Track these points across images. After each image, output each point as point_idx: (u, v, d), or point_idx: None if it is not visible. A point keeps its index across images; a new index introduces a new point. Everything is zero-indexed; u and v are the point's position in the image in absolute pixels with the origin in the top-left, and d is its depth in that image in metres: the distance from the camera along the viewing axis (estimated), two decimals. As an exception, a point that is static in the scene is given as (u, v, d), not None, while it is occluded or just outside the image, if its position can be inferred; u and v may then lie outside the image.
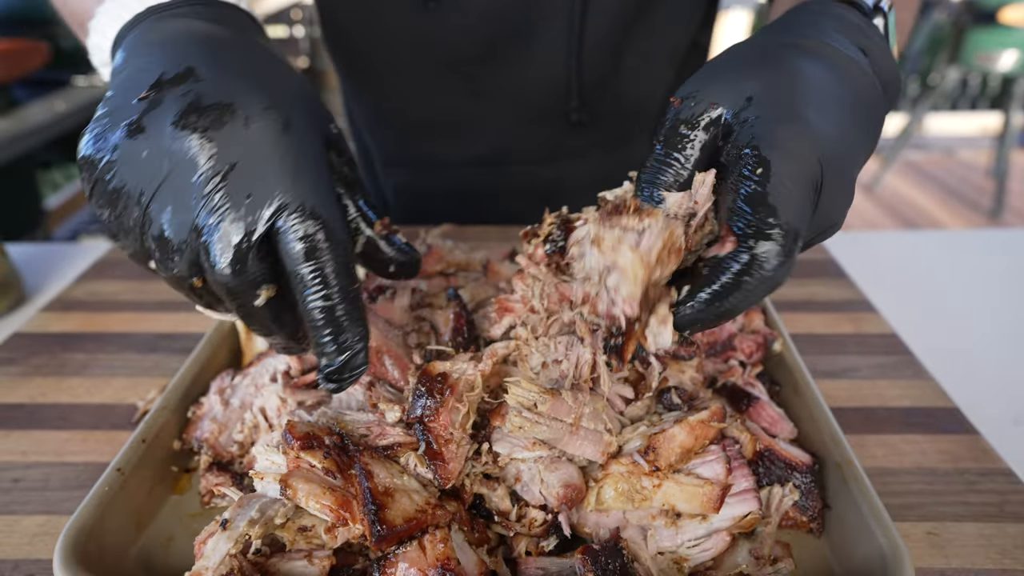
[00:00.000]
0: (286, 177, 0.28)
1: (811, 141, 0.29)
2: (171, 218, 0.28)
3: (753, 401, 0.41)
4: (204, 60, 0.30)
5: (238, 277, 0.28)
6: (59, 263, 0.69)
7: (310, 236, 0.28)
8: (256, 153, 0.28)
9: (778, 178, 0.28)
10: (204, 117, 0.28)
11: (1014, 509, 0.37)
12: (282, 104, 0.30)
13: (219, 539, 0.30)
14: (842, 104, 0.31)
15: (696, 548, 0.34)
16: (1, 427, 0.44)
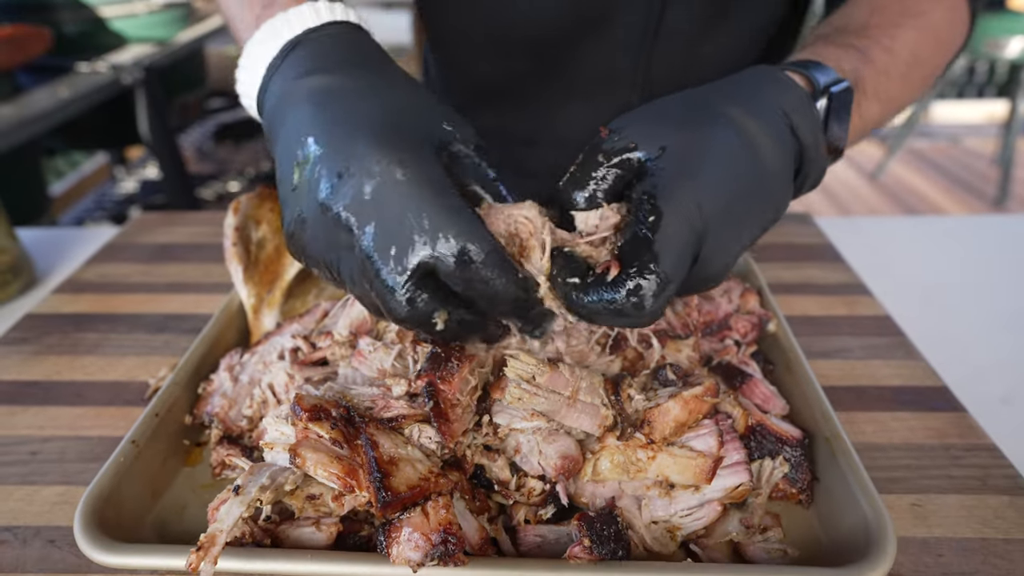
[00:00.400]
0: (418, 219, 0.31)
1: (702, 205, 0.33)
2: (350, 285, 0.33)
3: (747, 379, 0.42)
4: (318, 129, 0.33)
5: (411, 316, 0.31)
6: (68, 247, 0.70)
7: (456, 260, 0.31)
8: (384, 208, 0.31)
9: (665, 230, 0.32)
10: (335, 190, 0.32)
11: (996, 482, 0.38)
12: (388, 151, 0.32)
13: (232, 504, 0.32)
14: (742, 179, 0.34)
15: (689, 517, 0.35)
16: (18, 403, 0.45)
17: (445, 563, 0.30)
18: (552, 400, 0.35)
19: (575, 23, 0.63)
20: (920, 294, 0.61)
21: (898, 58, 0.45)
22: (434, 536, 0.30)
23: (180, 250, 0.64)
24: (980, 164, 3.08)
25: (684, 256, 0.32)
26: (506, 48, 0.66)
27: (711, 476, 0.35)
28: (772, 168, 0.35)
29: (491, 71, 0.70)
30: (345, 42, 0.38)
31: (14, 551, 0.35)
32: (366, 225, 0.31)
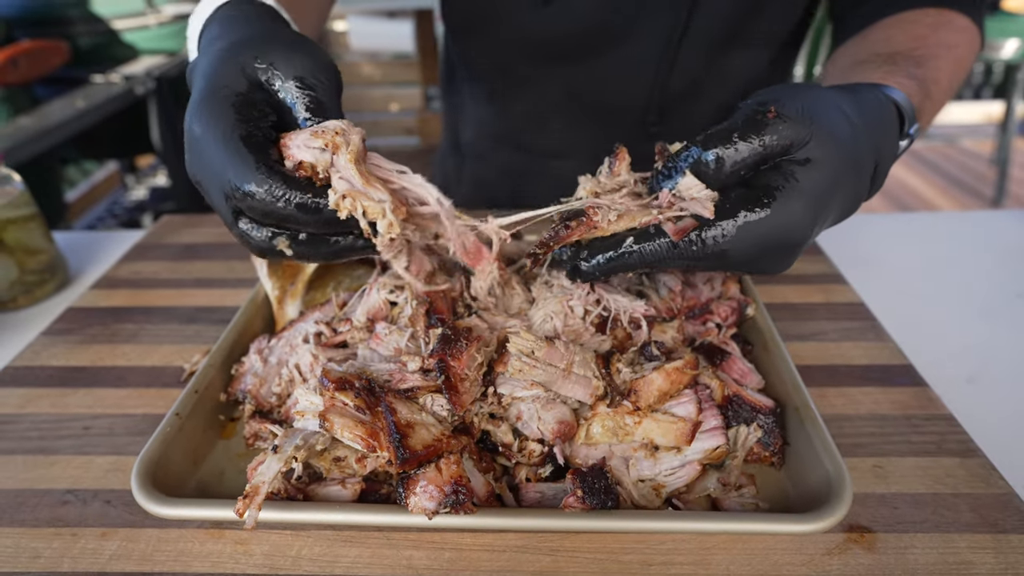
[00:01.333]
0: (214, 169, 0.35)
1: (812, 227, 0.36)
2: (208, 184, 0.36)
3: (726, 356, 0.46)
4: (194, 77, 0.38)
5: (258, 249, 0.36)
6: (96, 249, 0.75)
7: (241, 199, 0.34)
8: (200, 163, 0.36)
9: (753, 229, 0.35)
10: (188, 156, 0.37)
11: (949, 447, 0.42)
12: (195, 109, 0.36)
13: (271, 460, 0.36)
14: (847, 208, 0.38)
15: (672, 476, 0.40)
16: (69, 385, 0.50)
17: (456, 511, 0.34)
18: (549, 372, 0.39)
19: (601, 32, 0.67)
20: (897, 285, 0.65)
21: (942, 90, 0.50)
22: (447, 488, 0.35)
23: (204, 249, 0.69)
24: (978, 164, 3.11)
25: (752, 250, 0.36)
26: (531, 61, 0.70)
27: (691, 438, 0.39)
28: (861, 194, 0.40)
29: (515, 86, 0.74)
30: (237, 13, 0.42)
31: (77, 510, 0.40)
32: (199, 180, 0.36)
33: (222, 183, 0.34)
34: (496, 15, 0.69)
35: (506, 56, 0.73)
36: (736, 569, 0.35)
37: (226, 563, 0.36)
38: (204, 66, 0.38)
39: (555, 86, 0.72)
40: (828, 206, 0.37)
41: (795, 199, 0.35)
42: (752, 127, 0.36)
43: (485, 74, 0.77)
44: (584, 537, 0.37)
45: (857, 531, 0.37)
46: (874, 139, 0.39)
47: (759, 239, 0.35)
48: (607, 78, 0.70)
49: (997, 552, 0.35)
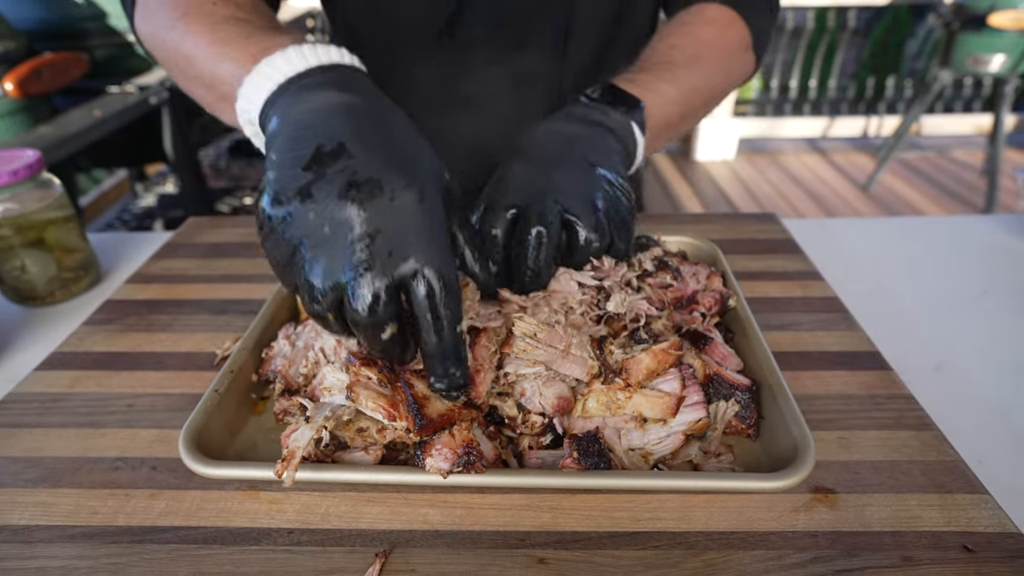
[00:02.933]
0: (421, 241, 0.36)
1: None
2: (324, 267, 0.35)
3: (709, 341, 0.51)
4: (352, 136, 0.37)
5: (370, 316, 0.36)
6: (125, 248, 0.80)
7: (433, 289, 0.36)
8: (398, 222, 0.35)
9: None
10: (360, 191, 0.35)
11: (907, 421, 0.47)
12: (416, 180, 0.37)
13: (304, 428, 0.41)
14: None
15: (659, 445, 0.44)
16: (112, 368, 0.55)
17: (468, 471, 0.39)
18: (550, 352, 0.44)
19: (499, 69, 0.72)
20: (872, 283, 0.70)
21: (676, 73, 0.60)
22: (460, 450, 0.40)
23: (230, 248, 0.74)
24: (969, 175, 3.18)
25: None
26: (436, 89, 0.75)
27: (675, 411, 0.44)
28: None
29: (425, 111, 0.79)
30: (355, 75, 0.43)
31: (127, 474, 0.44)
32: (374, 228, 0.35)
33: (419, 256, 0.35)
34: (397, 59, 0.74)
35: (408, 92, 0.76)
36: (714, 524, 0.40)
37: (262, 519, 0.41)
38: (410, 142, 0.40)
39: (456, 109, 0.77)
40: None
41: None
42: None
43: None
44: (580, 497, 0.42)
45: (822, 492, 0.42)
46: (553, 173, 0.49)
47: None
48: (510, 102, 0.76)
49: (942, 508, 0.40)
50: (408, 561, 0.38)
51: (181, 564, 0.38)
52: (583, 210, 0.47)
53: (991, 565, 0.37)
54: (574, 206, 0.47)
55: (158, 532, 0.40)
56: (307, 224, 0.36)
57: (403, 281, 0.36)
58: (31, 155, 0.67)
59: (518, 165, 0.50)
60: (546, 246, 0.46)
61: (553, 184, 0.48)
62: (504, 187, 0.49)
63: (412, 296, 0.36)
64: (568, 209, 0.47)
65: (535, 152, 0.51)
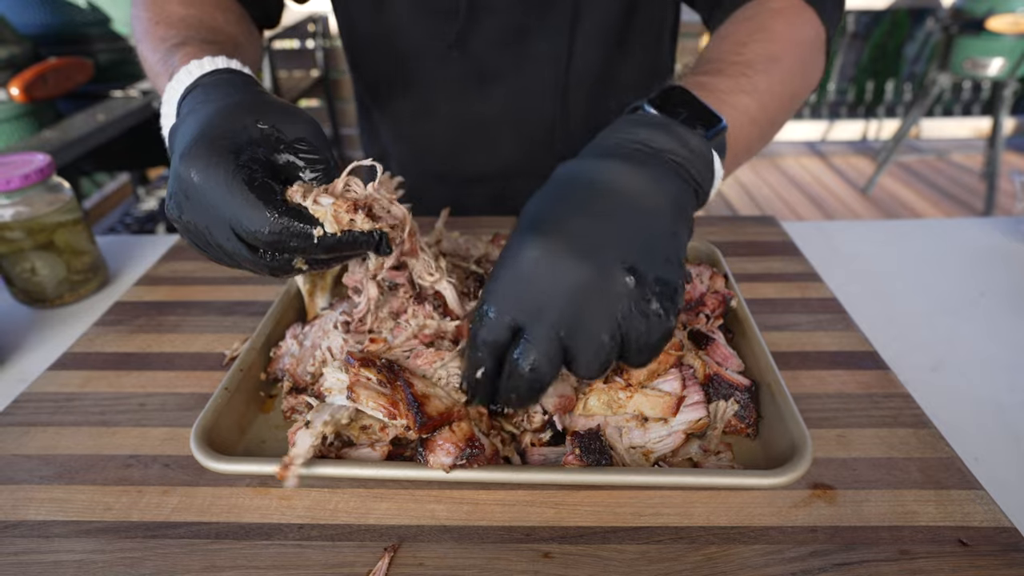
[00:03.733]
0: (221, 211, 0.38)
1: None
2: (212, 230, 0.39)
3: (711, 342, 0.52)
4: (185, 129, 0.42)
5: (276, 272, 0.42)
6: (132, 251, 0.81)
7: (249, 235, 0.39)
8: (200, 207, 0.39)
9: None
10: (174, 201, 0.40)
11: (904, 419, 0.48)
12: (188, 160, 0.39)
13: (304, 435, 0.42)
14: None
15: (659, 444, 0.45)
16: (123, 368, 0.56)
17: (470, 465, 0.40)
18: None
19: (500, 81, 0.74)
20: (871, 284, 0.71)
21: (755, 77, 0.50)
22: (461, 444, 0.41)
23: (236, 251, 0.76)
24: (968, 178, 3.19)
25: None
26: (446, 103, 0.77)
27: (676, 410, 0.45)
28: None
29: (432, 123, 0.81)
30: (221, 80, 0.46)
31: (139, 472, 0.45)
32: (196, 223, 0.39)
33: (233, 225, 0.38)
34: (407, 70, 0.76)
35: (416, 100, 0.80)
36: (715, 519, 0.41)
37: (273, 515, 0.42)
38: (198, 122, 0.41)
39: (465, 117, 0.79)
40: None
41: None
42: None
43: (397, 114, 0.84)
44: (583, 493, 0.43)
45: (820, 488, 0.43)
46: (611, 266, 0.36)
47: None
48: (515, 115, 0.78)
49: (938, 504, 0.41)
50: (416, 555, 0.39)
51: (194, 558, 0.39)
52: (586, 346, 0.36)
53: (986, 559, 0.38)
54: (578, 338, 0.36)
55: (171, 527, 0.41)
56: (191, 236, 0.42)
57: (244, 240, 0.40)
58: (42, 159, 0.68)
59: (528, 249, 0.37)
60: (528, 380, 0.37)
61: (559, 300, 0.36)
62: (500, 288, 0.37)
63: (255, 246, 0.40)
64: (569, 339, 0.36)
65: (556, 225, 0.38)
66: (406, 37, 0.74)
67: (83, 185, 2.84)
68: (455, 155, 0.84)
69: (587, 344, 0.36)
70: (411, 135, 0.85)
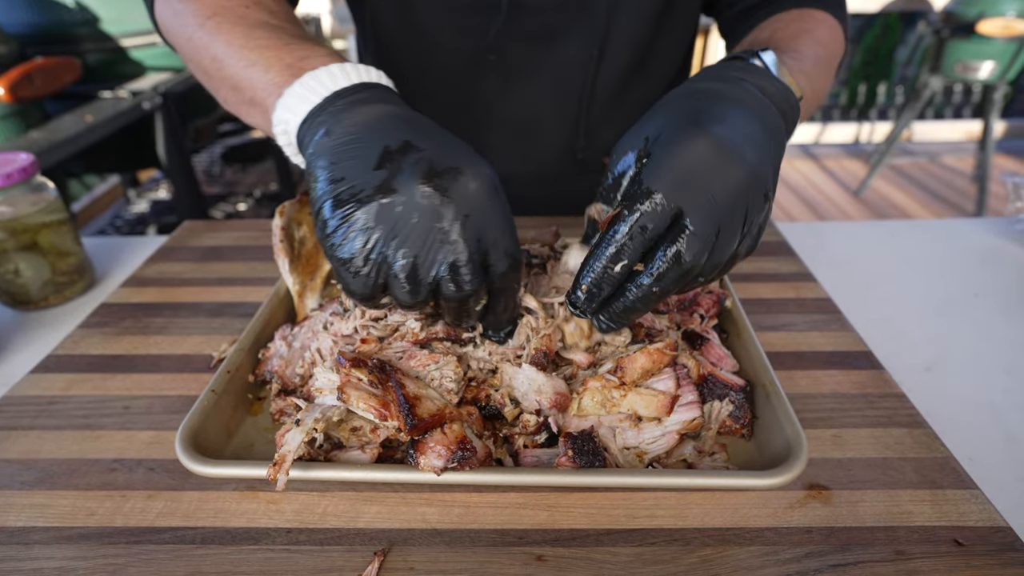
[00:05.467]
0: (502, 226, 0.39)
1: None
2: (419, 257, 0.37)
3: (705, 342, 0.52)
4: (415, 136, 0.38)
5: (470, 293, 0.39)
6: (120, 253, 0.80)
7: (510, 268, 0.40)
8: (481, 207, 0.37)
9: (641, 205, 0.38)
10: (443, 179, 0.36)
11: (899, 419, 0.48)
12: (486, 166, 0.39)
13: (294, 432, 0.41)
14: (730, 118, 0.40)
15: (653, 444, 0.45)
16: (108, 371, 0.55)
17: (462, 467, 0.40)
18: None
19: (530, 86, 0.73)
20: (865, 284, 0.71)
21: (804, 58, 0.55)
22: (453, 447, 0.40)
23: (226, 251, 0.75)
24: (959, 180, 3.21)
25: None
26: (469, 106, 0.76)
27: (669, 410, 0.45)
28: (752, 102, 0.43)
29: (451, 124, 0.79)
30: (393, 94, 0.44)
31: (124, 476, 0.44)
32: (463, 214, 0.36)
33: (506, 237, 0.39)
34: (435, 69, 0.75)
35: (443, 100, 0.77)
36: (710, 521, 0.40)
37: (260, 519, 0.41)
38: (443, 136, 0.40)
39: (491, 118, 0.78)
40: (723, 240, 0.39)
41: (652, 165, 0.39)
42: (628, 203, 0.38)
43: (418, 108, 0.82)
44: (577, 495, 0.42)
45: (816, 489, 0.42)
46: (765, 169, 0.40)
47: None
48: (535, 118, 0.76)
49: (934, 504, 0.41)
50: (407, 560, 0.38)
51: (180, 564, 0.38)
52: (726, 242, 0.39)
53: (981, 559, 0.37)
54: (723, 236, 0.39)
55: (156, 532, 0.40)
56: (393, 218, 0.36)
57: (488, 260, 0.39)
58: (25, 158, 0.67)
59: (705, 139, 0.39)
60: (680, 272, 0.38)
61: (731, 196, 0.38)
62: (672, 175, 0.38)
63: (493, 272, 0.40)
64: (720, 233, 0.38)
65: (723, 124, 0.40)
66: (438, 35, 0.72)
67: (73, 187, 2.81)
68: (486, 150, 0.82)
69: (727, 241, 0.39)
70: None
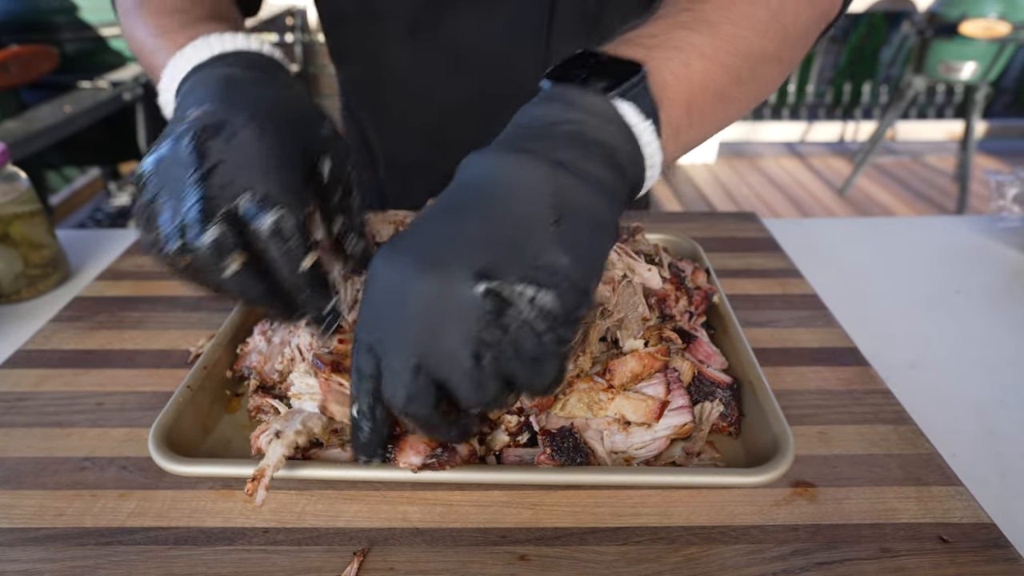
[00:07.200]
0: (257, 171, 0.35)
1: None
2: (168, 206, 0.35)
3: (693, 339, 0.51)
4: (216, 97, 0.38)
5: (210, 248, 0.34)
6: (95, 246, 0.78)
7: (264, 217, 0.35)
8: (236, 156, 0.35)
9: None
10: (204, 133, 0.35)
11: (885, 416, 0.48)
12: (259, 118, 0.37)
13: (276, 446, 0.39)
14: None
15: (642, 450, 0.44)
16: (81, 367, 0.53)
17: (441, 466, 0.39)
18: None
19: (484, 65, 0.70)
20: (850, 282, 0.71)
21: (717, 47, 0.37)
22: (433, 445, 0.39)
23: (205, 245, 0.73)
24: (942, 180, 3.26)
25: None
26: (425, 91, 0.73)
27: (659, 416, 0.44)
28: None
29: (414, 110, 0.77)
30: (258, 59, 0.44)
31: (95, 474, 0.43)
32: (212, 163, 0.34)
33: (256, 183, 0.35)
34: (384, 53, 0.73)
35: (397, 86, 0.75)
36: (695, 519, 0.40)
37: (236, 518, 0.40)
38: (256, 93, 0.39)
39: (447, 100, 0.75)
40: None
41: None
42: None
43: (380, 104, 0.80)
44: (561, 493, 0.42)
45: (802, 486, 0.42)
46: (465, 282, 0.29)
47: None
48: (499, 94, 0.72)
49: (919, 500, 0.41)
50: (387, 560, 0.37)
51: (151, 565, 0.37)
52: (452, 373, 0.30)
53: (966, 555, 0.37)
54: (441, 367, 0.30)
55: (127, 533, 0.39)
56: (161, 175, 0.36)
57: (240, 210, 0.35)
58: (-4, 147, 0.64)
59: (374, 268, 0.32)
60: (411, 417, 0.32)
61: (406, 324, 0.30)
62: (362, 314, 0.33)
63: (251, 225, 0.35)
64: (434, 368, 0.31)
65: (406, 237, 0.33)
66: (383, 15, 0.71)
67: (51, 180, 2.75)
68: (441, 142, 0.80)
69: (452, 370, 0.30)
70: (395, 125, 0.81)
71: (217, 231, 0.34)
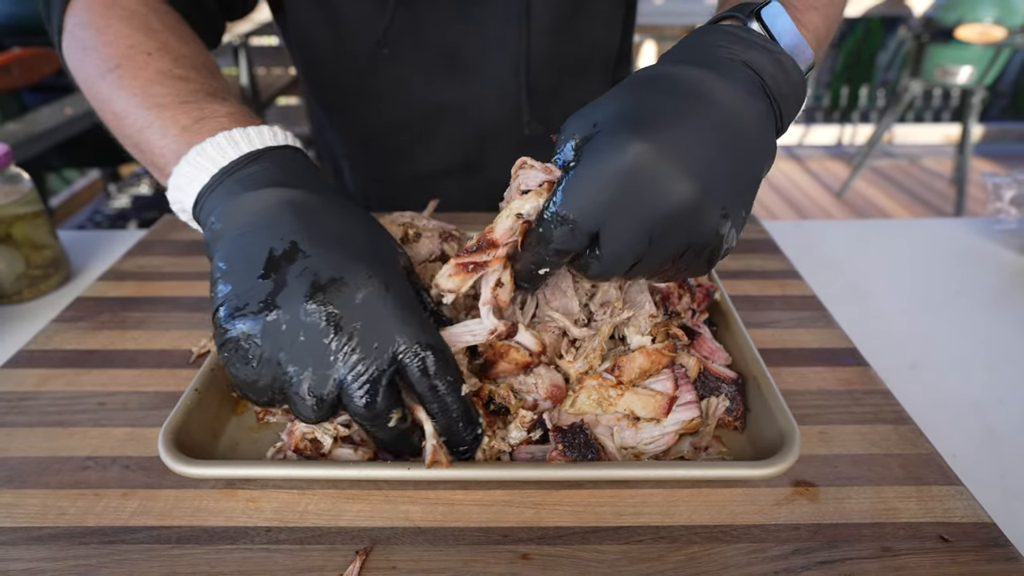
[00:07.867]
0: (400, 325, 0.36)
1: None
2: (314, 377, 0.35)
3: (697, 336, 0.51)
4: (302, 234, 0.37)
5: (374, 408, 0.36)
6: (97, 246, 0.78)
7: (427, 364, 0.36)
8: (372, 314, 0.35)
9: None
10: (327, 293, 0.35)
11: (885, 416, 0.48)
12: (377, 268, 0.37)
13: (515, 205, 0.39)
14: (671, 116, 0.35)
15: (651, 445, 0.44)
16: (83, 366, 0.53)
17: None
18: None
19: (455, 67, 0.70)
20: (850, 283, 0.71)
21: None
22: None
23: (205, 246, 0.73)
24: (939, 183, 3.27)
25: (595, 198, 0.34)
26: (399, 97, 0.73)
27: (667, 411, 0.44)
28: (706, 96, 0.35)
29: (387, 121, 0.77)
30: (292, 160, 0.42)
31: (97, 474, 0.43)
32: (351, 327, 0.35)
33: (403, 339, 0.35)
34: (351, 69, 0.72)
35: (364, 100, 0.75)
36: (697, 518, 0.40)
37: (239, 517, 0.40)
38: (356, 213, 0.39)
39: (419, 112, 0.75)
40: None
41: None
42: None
43: (349, 119, 0.80)
44: (563, 492, 0.42)
45: (802, 486, 0.42)
46: (714, 193, 0.35)
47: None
48: (474, 98, 0.73)
49: (919, 500, 0.41)
50: (389, 559, 0.37)
51: (154, 564, 0.37)
52: (648, 264, 0.37)
53: (967, 555, 0.37)
54: (648, 257, 0.37)
55: (130, 532, 0.39)
56: (280, 336, 0.35)
57: (396, 366, 0.36)
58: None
59: (627, 153, 0.34)
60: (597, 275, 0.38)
61: (653, 222, 0.35)
62: (589, 192, 0.35)
63: (409, 377, 0.37)
64: (641, 255, 0.36)
65: (657, 132, 0.34)
66: (346, 31, 0.70)
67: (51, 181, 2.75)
68: (412, 154, 0.80)
69: (650, 262, 0.37)
70: (366, 140, 0.81)
71: (386, 392, 0.36)
